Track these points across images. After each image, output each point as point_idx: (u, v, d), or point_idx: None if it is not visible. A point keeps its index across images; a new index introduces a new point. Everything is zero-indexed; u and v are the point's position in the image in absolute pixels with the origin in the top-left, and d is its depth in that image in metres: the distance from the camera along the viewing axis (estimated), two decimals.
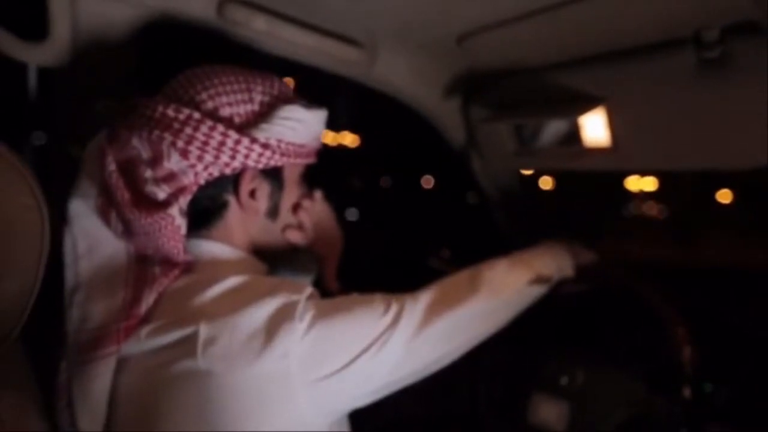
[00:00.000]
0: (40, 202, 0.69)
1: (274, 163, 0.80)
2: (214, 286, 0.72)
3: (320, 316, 0.72)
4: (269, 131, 0.78)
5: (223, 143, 0.75)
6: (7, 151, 0.68)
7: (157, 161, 0.75)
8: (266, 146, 0.78)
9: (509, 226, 1.49)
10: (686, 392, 0.92)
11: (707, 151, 0.94)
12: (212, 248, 0.80)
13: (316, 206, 0.95)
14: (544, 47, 1.04)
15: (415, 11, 0.99)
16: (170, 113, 0.74)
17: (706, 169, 0.98)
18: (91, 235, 0.77)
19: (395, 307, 0.77)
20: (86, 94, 0.96)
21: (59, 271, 0.76)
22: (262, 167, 0.80)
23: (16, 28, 0.89)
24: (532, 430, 1.11)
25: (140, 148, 0.75)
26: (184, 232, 0.76)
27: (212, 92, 0.77)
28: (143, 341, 0.70)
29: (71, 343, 0.73)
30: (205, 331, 0.68)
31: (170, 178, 0.75)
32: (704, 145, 0.93)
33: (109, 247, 0.78)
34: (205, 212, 0.80)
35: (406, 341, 0.75)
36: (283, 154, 0.80)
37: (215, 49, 1.00)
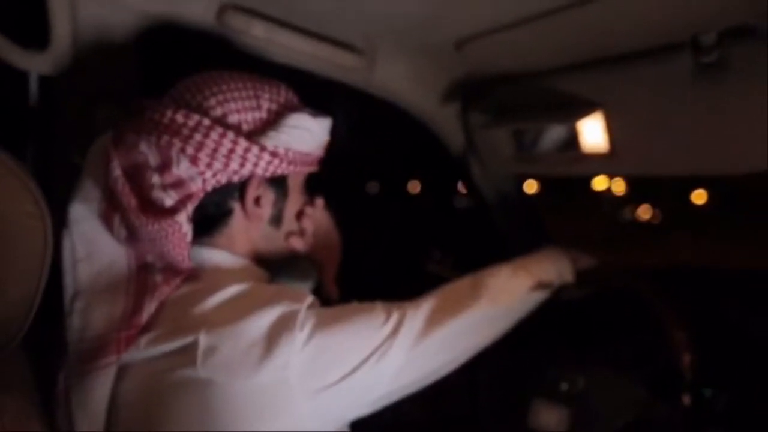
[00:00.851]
0: (42, 209, 0.69)
1: (281, 171, 0.80)
2: (215, 294, 0.72)
3: (320, 325, 0.72)
4: (277, 139, 0.78)
5: (232, 150, 0.75)
6: (8, 158, 0.69)
7: (165, 167, 0.74)
8: (274, 154, 0.78)
9: (508, 231, 1.49)
10: (686, 398, 0.92)
11: (705, 155, 0.94)
12: (215, 256, 0.80)
13: (316, 213, 0.95)
14: (541, 52, 1.04)
15: (412, 17, 0.99)
16: (179, 119, 0.74)
17: (704, 173, 0.98)
18: (90, 239, 0.77)
19: (396, 315, 0.76)
20: (87, 101, 0.96)
21: (59, 278, 0.76)
22: (269, 175, 0.80)
23: (17, 36, 0.89)
24: None
25: (148, 153, 0.75)
26: (190, 239, 0.75)
27: (221, 98, 0.77)
28: (143, 350, 0.70)
29: (71, 351, 0.73)
30: (205, 340, 0.68)
31: (178, 184, 0.74)
32: (702, 149, 0.93)
33: (109, 252, 0.77)
34: (209, 219, 0.80)
35: (407, 350, 0.75)
36: (290, 162, 0.80)
37: (215, 55, 1.01)
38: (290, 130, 0.79)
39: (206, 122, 0.75)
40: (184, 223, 0.74)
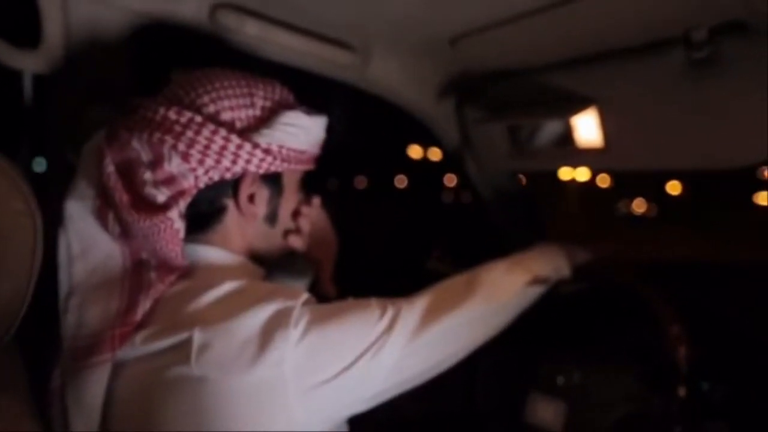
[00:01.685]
0: (31, 207, 0.69)
1: (274, 168, 0.80)
2: (209, 291, 0.72)
3: (315, 322, 0.72)
4: (270, 137, 0.78)
5: (224, 147, 0.75)
6: None
7: (157, 164, 0.74)
8: (267, 151, 0.78)
9: (504, 226, 1.49)
10: (682, 390, 0.92)
11: (697, 150, 0.94)
12: (209, 253, 0.80)
13: (313, 212, 0.95)
14: (535, 49, 1.04)
15: (406, 14, 0.99)
16: (172, 116, 0.74)
17: (696, 168, 0.99)
18: (85, 236, 0.77)
19: (391, 311, 0.76)
20: (80, 99, 0.96)
21: (54, 275, 0.76)
22: (262, 172, 0.80)
23: (9, 35, 0.89)
24: (528, 429, 1.11)
25: (140, 149, 0.75)
26: (182, 235, 0.75)
27: (214, 96, 0.77)
28: (138, 347, 0.70)
29: (66, 348, 0.73)
30: (199, 337, 0.68)
31: (170, 181, 0.74)
32: (694, 144, 0.94)
33: (104, 249, 0.77)
34: (203, 216, 0.79)
35: (402, 346, 0.75)
36: (283, 159, 0.80)
37: (210, 53, 1.00)
38: (284, 127, 0.79)
39: (198, 119, 0.74)
40: (176, 219, 0.74)
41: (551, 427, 1.09)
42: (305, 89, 0.88)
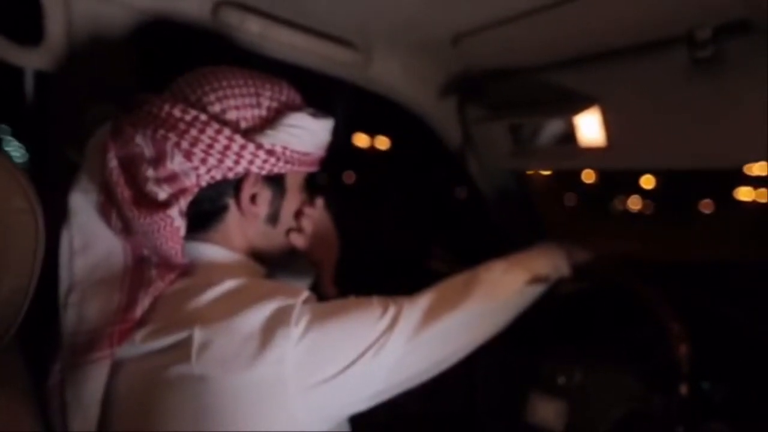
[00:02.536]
0: (33, 204, 0.69)
1: (277, 169, 0.79)
2: (209, 290, 0.72)
3: (316, 320, 0.71)
4: (274, 138, 0.77)
5: (228, 147, 0.75)
6: None
7: (159, 161, 0.74)
8: (271, 153, 0.77)
9: (505, 225, 1.49)
10: (683, 390, 0.92)
11: (701, 149, 0.94)
12: (210, 251, 0.80)
13: (316, 213, 0.94)
14: (538, 47, 1.04)
15: (408, 13, 0.99)
16: (176, 113, 0.74)
17: (699, 167, 0.98)
18: (88, 231, 0.77)
19: (392, 310, 0.76)
20: (83, 96, 0.96)
21: (55, 273, 0.76)
22: (265, 173, 0.79)
23: (11, 32, 0.89)
24: (529, 428, 1.11)
25: (144, 146, 0.74)
26: (183, 233, 0.75)
27: (220, 94, 0.77)
28: (138, 345, 0.70)
29: (66, 345, 0.73)
30: (199, 335, 0.67)
31: (172, 178, 0.74)
32: (698, 143, 0.94)
33: (105, 244, 0.77)
34: (204, 215, 0.79)
35: (403, 345, 0.75)
36: (287, 161, 0.79)
37: (214, 51, 1.00)
38: (289, 129, 0.78)
39: (203, 117, 0.74)
40: (176, 217, 0.74)
41: (552, 426, 1.09)
42: (305, 87, 0.88)
